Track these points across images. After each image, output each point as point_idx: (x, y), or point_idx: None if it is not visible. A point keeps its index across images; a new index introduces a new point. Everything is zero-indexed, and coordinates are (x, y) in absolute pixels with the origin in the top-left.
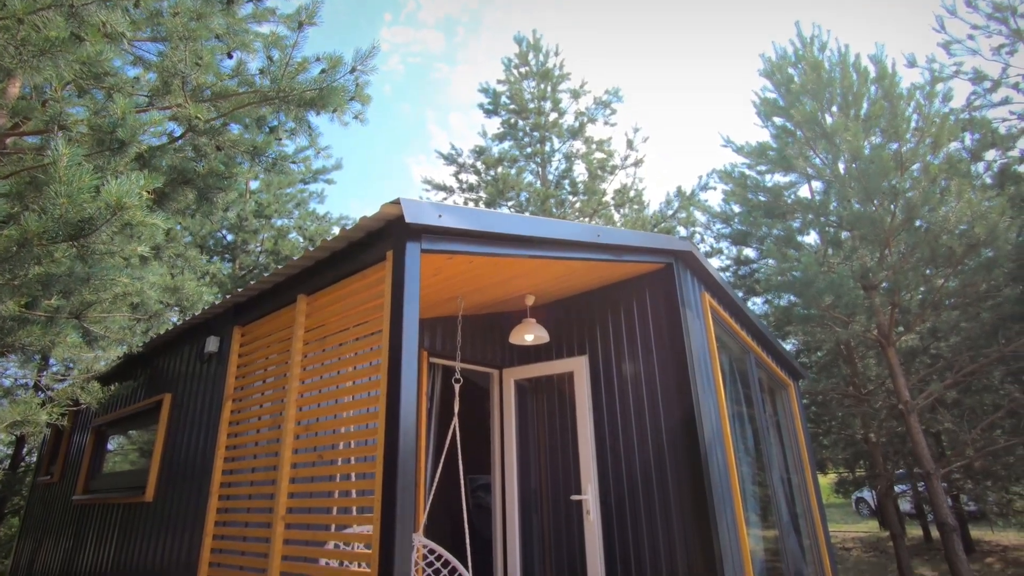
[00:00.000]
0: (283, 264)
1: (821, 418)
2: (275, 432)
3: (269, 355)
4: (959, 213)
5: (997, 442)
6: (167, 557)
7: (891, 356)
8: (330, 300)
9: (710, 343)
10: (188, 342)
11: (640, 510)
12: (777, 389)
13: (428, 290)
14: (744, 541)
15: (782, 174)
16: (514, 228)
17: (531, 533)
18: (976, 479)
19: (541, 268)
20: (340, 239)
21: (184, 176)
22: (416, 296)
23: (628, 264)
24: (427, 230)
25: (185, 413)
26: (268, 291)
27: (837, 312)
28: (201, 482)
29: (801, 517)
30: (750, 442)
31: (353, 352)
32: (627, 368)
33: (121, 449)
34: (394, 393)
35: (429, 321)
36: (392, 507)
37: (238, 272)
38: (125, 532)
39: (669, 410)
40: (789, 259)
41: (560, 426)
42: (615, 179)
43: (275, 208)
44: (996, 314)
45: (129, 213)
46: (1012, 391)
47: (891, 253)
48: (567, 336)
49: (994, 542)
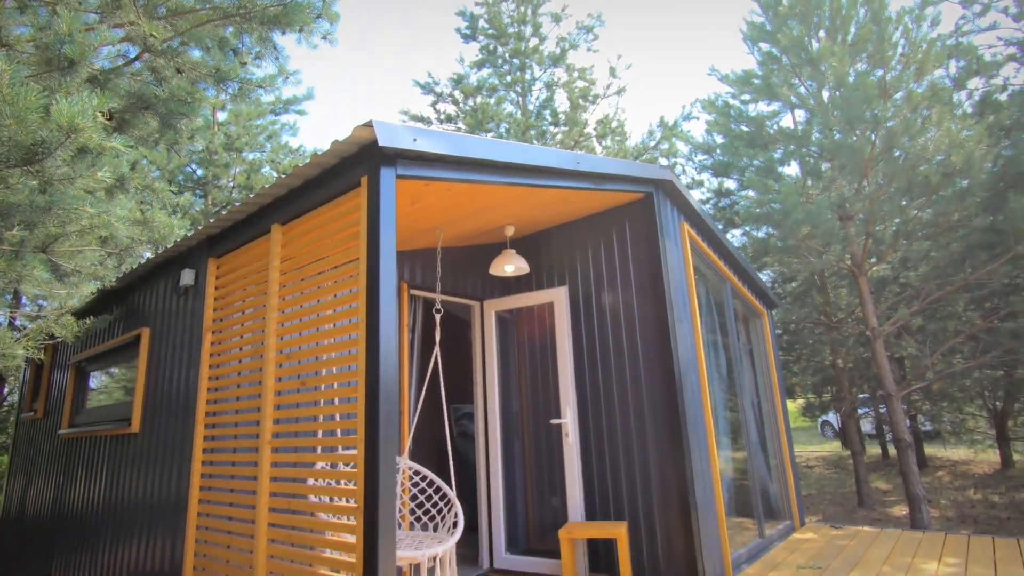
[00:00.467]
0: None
1: (793, 346)
2: (257, 362)
3: (247, 286)
4: (938, 142)
5: (955, 366)
6: (157, 485)
7: (862, 285)
8: (305, 229)
9: (688, 273)
10: (163, 276)
11: (617, 432)
12: (752, 318)
13: (406, 221)
14: (714, 461)
15: (766, 103)
16: (492, 154)
17: (513, 456)
18: (934, 400)
19: (521, 197)
20: (313, 165)
21: (144, 101)
22: (392, 222)
23: (608, 194)
24: (402, 155)
25: (165, 347)
26: (241, 221)
27: (814, 243)
28: (186, 412)
29: (769, 439)
30: (724, 369)
31: (332, 280)
32: (606, 298)
33: (104, 387)
34: (373, 317)
35: (409, 254)
36: (375, 429)
37: (211, 208)
38: (114, 464)
39: (646, 338)
40: (769, 190)
41: (540, 355)
42: (597, 109)
43: (245, 141)
44: (965, 243)
45: (84, 135)
46: (974, 318)
47: (869, 184)
48: (547, 267)
49: (945, 458)
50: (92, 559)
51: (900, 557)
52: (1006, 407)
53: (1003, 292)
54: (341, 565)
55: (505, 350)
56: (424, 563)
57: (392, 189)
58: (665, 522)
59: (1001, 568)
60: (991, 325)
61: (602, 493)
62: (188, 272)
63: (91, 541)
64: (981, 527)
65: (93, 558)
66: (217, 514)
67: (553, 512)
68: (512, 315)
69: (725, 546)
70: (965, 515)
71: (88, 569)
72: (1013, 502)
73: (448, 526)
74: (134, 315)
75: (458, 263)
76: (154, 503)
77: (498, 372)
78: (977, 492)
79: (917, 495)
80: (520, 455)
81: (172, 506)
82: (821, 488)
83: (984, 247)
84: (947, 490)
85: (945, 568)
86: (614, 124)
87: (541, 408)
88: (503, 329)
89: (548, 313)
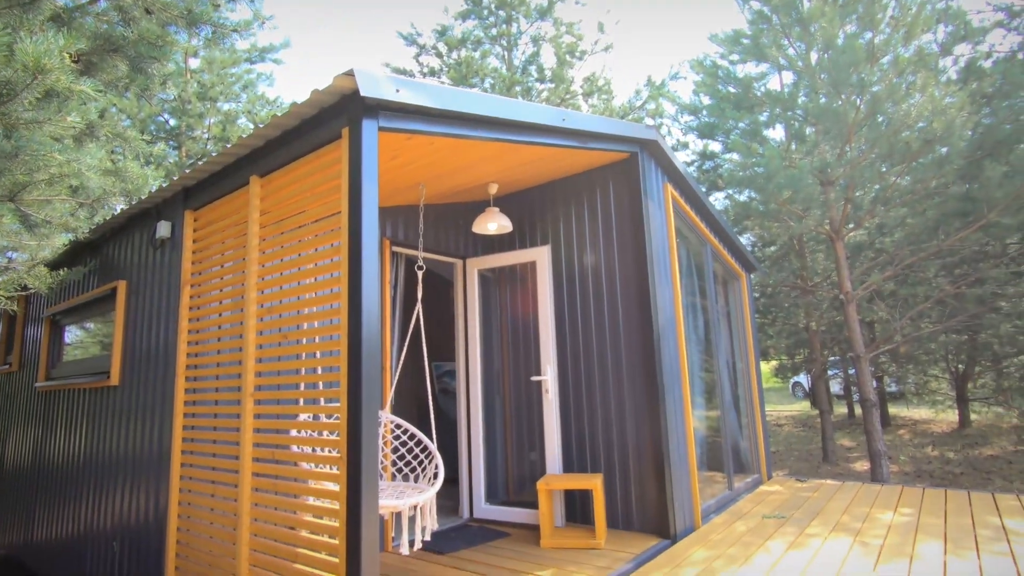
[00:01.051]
0: (232, 146)
1: (769, 309)
2: (237, 315)
3: (225, 239)
4: (921, 108)
5: (922, 330)
6: (139, 437)
7: (839, 250)
8: (285, 182)
9: (669, 234)
10: (138, 228)
11: (595, 389)
12: (730, 280)
13: (388, 175)
14: (689, 418)
15: (755, 63)
16: (477, 108)
17: (494, 412)
18: (900, 363)
19: (505, 154)
20: (291, 116)
21: (112, 43)
22: (375, 176)
23: (593, 153)
24: (384, 106)
25: (142, 300)
26: (218, 173)
27: (795, 207)
28: (166, 365)
29: (742, 399)
30: (701, 330)
31: (313, 234)
32: (588, 258)
33: (80, 342)
34: (355, 271)
35: (391, 210)
36: (358, 383)
37: (185, 160)
38: (94, 417)
39: (627, 298)
40: (753, 153)
41: (522, 313)
42: (584, 66)
43: (220, 90)
44: (940, 211)
45: (52, 77)
46: (943, 284)
47: (851, 149)
48: (530, 226)
49: (907, 417)
50: (75, 510)
51: (859, 508)
52: (967, 370)
53: (973, 259)
54: (324, 512)
55: (487, 308)
56: (405, 511)
57: (374, 142)
58: (639, 474)
59: (951, 518)
60: (959, 291)
61: (579, 447)
62: (164, 224)
63: (74, 492)
64: (936, 481)
65: (76, 509)
66: (201, 464)
67: (531, 465)
68: (495, 274)
69: (695, 497)
70: (922, 470)
71: (72, 521)
72: (967, 459)
73: (429, 477)
74: (109, 268)
75: (440, 220)
76: (136, 454)
77: (480, 330)
78: (935, 449)
79: (879, 451)
80: (500, 411)
81: (155, 457)
82: (789, 445)
83: (958, 215)
84: (907, 447)
85: (900, 518)
86: (601, 82)
87: (522, 365)
88: (485, 288)
89: (530, 272)
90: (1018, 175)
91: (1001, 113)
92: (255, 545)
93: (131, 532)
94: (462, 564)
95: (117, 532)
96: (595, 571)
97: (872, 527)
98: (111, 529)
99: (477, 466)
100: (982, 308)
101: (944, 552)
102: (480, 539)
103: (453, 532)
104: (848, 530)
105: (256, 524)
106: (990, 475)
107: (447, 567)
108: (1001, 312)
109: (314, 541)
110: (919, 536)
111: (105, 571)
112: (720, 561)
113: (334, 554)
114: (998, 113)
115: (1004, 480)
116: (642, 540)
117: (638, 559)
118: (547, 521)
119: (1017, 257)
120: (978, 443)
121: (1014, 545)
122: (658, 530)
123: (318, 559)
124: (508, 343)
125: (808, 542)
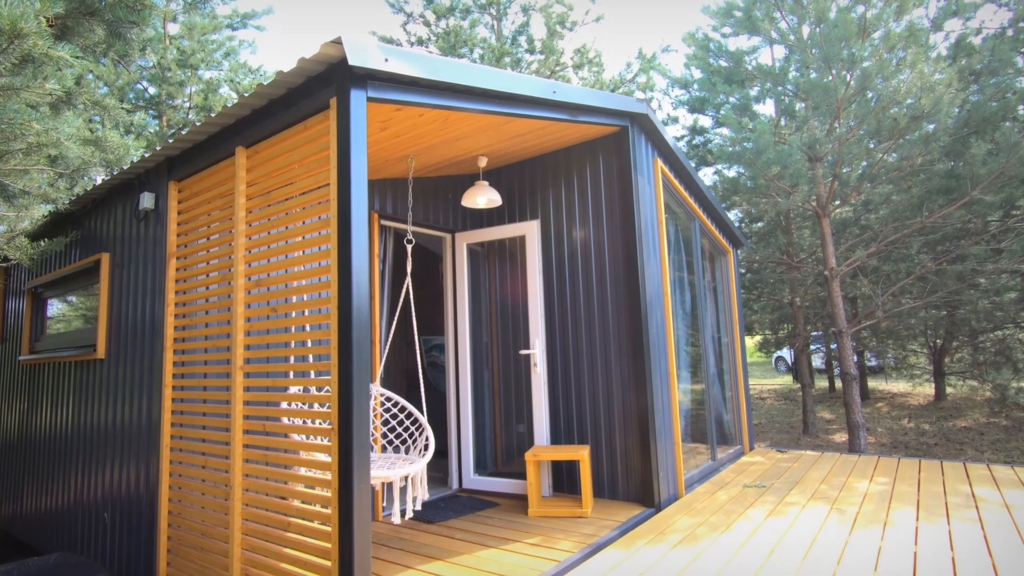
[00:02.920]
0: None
1: (755, 285)
2: (225, 288)
3: (211, 211)
4: (910, 84)
5: (903, 306)
6: (128, 410)
7: (825, 226)
8: (272, 153)
9: (658, 209)
10: (121, 200)
11: (583, 363)
12: (718, 255)
13: (376, 147)
14: (674, 391)
15: (747, 36)
16: (467, 79)
17: (482, 385)
18: (880, 338)
19: (495, 127)
20: (277, 84)
21: (88, 6)
22: (363, 147)
23: (583, 126)
24: (373, 75)
25: (127, 272)
26: (203, 143)
27: (783, 183)
28: (154, 338)
29: (726, 372)
30: (688, 305)
31: (301, 207)
32: (577, 233)
33: (63, 316)
34: (345, 244)
35: (379, 183)
36: (349, 354)
37: (166, 130)
38: (81, 390)
39: (615, 273)
40: (743, 128)
41: (511, 288)
42: (574, 37)
43: (201, 57)
44: (925, 188)
45: (29, 42)
46: (925, 260)
47: (840, 125)
48: (520, 200)
49: (886, 391)
50: (65, 482)
51: (837, 477)
52: (945, 345)
53: (955, 236)
54: (316, 482)
55: (476, 282)
56: (396, 482)
57: (363, 112)
58: (625, 446)
59: (924, 487)
60: (940, 267)
61: (567, 419)
62: (148, 195)
63: (62, 464)
64: (911, 452)
65: (66, 481)
66: (191, 436)
67: (520, 437)
68: (483, 248)
69: (680, 467)
70: (898, 441)
71: (62, 492)
72: (941, 430)
73: (419, 448)
74: (92, 240)
75: (429, 194)
76: (126, 426)
77: (469, 304)
78: (911, 422)
79: (857, 423)
80: (489, 384)
81: (144, 429)
82: (771, 418)
83: (942, 192)
84: (884, 419)
85: (876, 486)
86: (591, 54)
87: (511, 339)
88: (474, 262)
89: (520, 246)
90: (1002, 152)
91: (988, 90)
92: (248, 515)
93: (122, 503)
94: (452, 532)
95: (108, 503)
96: (581, 538)
97: (849, 496)
98: (102, 500)
99: (466, 438)
100: (961, 284)
101: (917, 519)
102: (469, 509)
103: (443, 502)
104: (826, 498)
105: (248, 495)
106: (963, 446)
107: (437, 535)
108: (980, 288)
109: (306, 511)
110: (893, 504)
111: (97, 541)
112: (703, 528)
113: (326, 523)
114: (985, 90)
115: (976, 451)
116: (627, 509)
117: (623, 527)
118: (535, 491)
119: (998, 234)
120: (952, 415)
121: (983, 512)
122: (643, 499)
123: (311, 527)
124: (497, 317)
125: (787, 510)
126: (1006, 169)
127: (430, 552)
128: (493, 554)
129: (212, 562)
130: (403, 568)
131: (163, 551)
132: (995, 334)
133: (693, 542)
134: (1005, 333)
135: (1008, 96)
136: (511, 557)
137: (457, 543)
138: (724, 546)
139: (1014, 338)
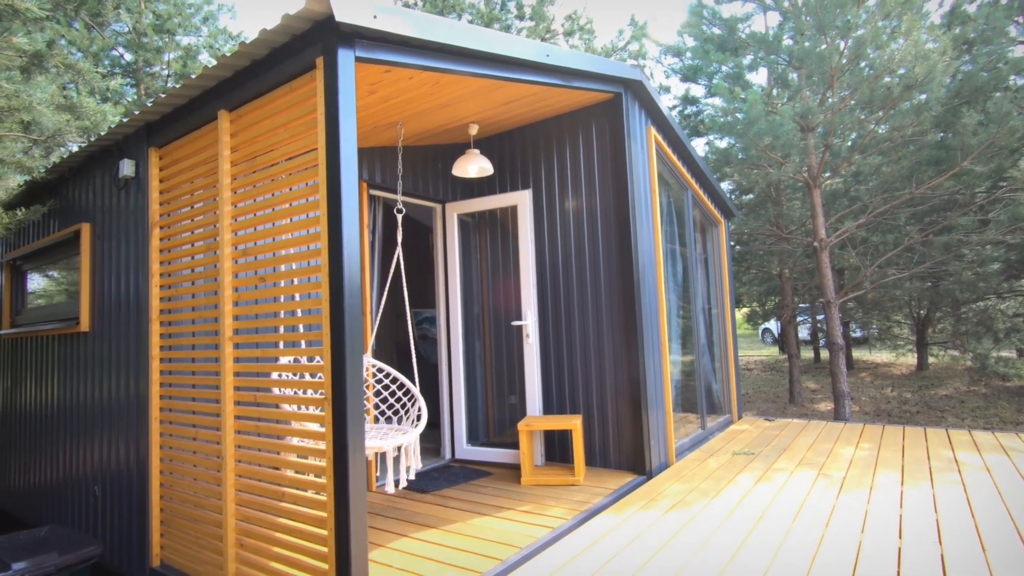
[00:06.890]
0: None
1: (744, 257)
2: (211, 258)
3: (194, 179)
4: (904, 53)
5: (889, 277)
6: (115, 384)
7: (815, 197)
8: (257, 116)
9: (651, 178)
10: (100, 167)
11: (575, 333)
12: (709, 227)
13: (365, 112)
14: (665, 361)
15: (741, 2)
16: (459, 39)
17: (474, 356)
18: (867, 308)
19: (485, 91)
20: (260, 44)
21: None
22: (352, 109)
23: (576, 93)
24: (361, 34)
25: (108, 243)
26: (184, 107)
27: (774, 154)
28: (139, 310)
29: (716, 343)
30: (679, 275)
31: (288, 172)
32: (569, 202)
33: (44, 291)
34: (335, 211)
35: (367, 151)
36: (341, 322)
37: (144, 98)
38: (66, 365)
39: (607, 243)
40: (736, 98)
41: (503, 258)
42: (565, 2)
43: (178, 23)
44: (915, 159)
45: None
46: (912, 231)
47: (833, 95)
48: (511, 169)
49: (870, 361)
50: (53, 456)
51: (823, 444)
52: (928, 315)
53: (943, 207)
54: (311, 452)
55: (467, 253)
56: (389, 452)
57: (351, 72)
58: (617, 415)
59: (908, 451)
60: (926, 239)
61: (559, 390)
62: (127, 163)
63: (50, 439)
64: (894, 420)
65: (54, 455)
66: (181, 408)
67: (512, 408)
68: (475, 218)
69: (670, 436)
70: (881, 410)
71: (50, 467)
72: (923, 399)
73: (412, 419)
74: (71, 210)
75: (419, 163)
76: (113, 399)
77: (460, 275)
78: (894, 390)
79: (842, 392)
80: (481, 355)
81: (133, 401)
82: (758, 388)
83: (932, 163)
84: (868, 388)
85: (861, 452)
86: (582, 21)
87: (502, 310)
88: (465, 232)
89: (511, 216)
90: (993, 123)
91: (981, 59)
92: (241, 486)
93: (112, 476)
94: (446, 501)
95: (98, 476)
96: (574, 505)
97: (835, 462)
98: (92, 474)
99: (459, 409)
100: (947, 255)
101: (901, 483)
102: (462, 478)
103: (436, 472)
104: (812, 464)
105: (241, 466)
106: (944, 413)
107: (431, 504)
108: (964, 260)
109: (301, 480)
110: (878, 469)
111: (88, 514)
112: (693, 494)
113: (321, 492)
114: (978, 59)
115: (956, 418)
116: (619, 476)
117: (615, 493)
118: (527, 460)
119: (985, 205)
120: (934, 384)
121: (965, 475)
122: (634, 467)
123: (306, 497)
124: (488, 288)
125: (775, 476)
126: (996, 139)
127: (424, 520)
128: (487, 522)
129: (206, 532)
130: (398, 536)
131: (156, 523)
132: (977, 304)
133: (684, 507)
134: (987, 304)
135: (1000, 66)
136: (505, 524)
137: (451, 511)
138: (715, 511)
139: (995, 308)
